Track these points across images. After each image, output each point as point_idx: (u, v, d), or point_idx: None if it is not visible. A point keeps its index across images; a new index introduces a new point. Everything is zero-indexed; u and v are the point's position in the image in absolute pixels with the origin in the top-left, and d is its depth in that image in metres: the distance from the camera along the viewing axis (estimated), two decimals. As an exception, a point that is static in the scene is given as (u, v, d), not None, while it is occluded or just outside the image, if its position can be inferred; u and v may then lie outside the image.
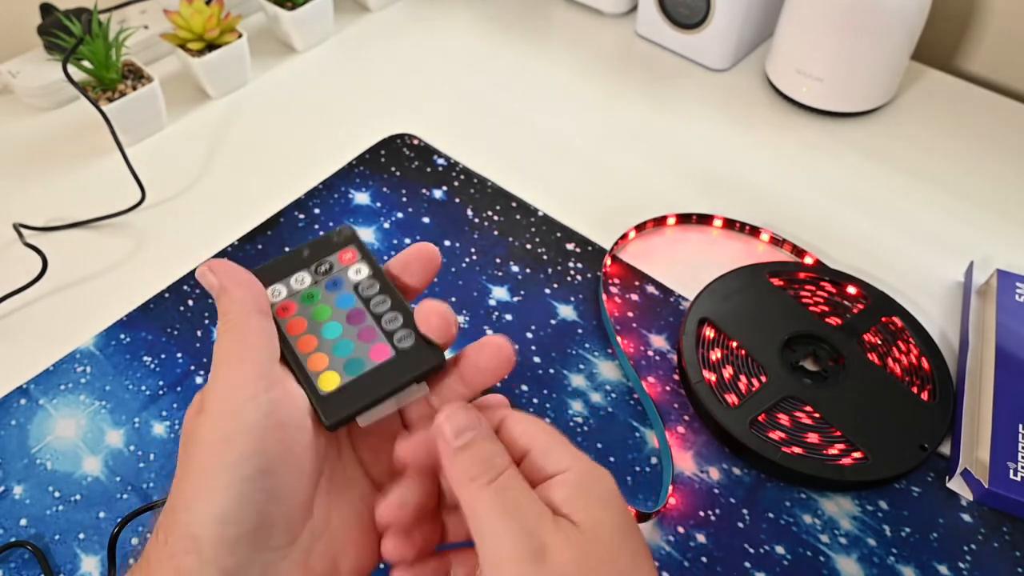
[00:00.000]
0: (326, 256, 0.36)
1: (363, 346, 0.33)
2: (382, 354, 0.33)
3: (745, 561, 0.45)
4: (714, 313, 0.54)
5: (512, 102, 0.74)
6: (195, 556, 0.28)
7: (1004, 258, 0.60)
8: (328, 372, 0.33)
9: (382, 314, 0.34)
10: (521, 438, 0.32)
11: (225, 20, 0.71)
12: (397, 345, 0.33)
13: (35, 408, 0.52)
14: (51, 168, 0.68)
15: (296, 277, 0.35)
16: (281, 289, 0.35)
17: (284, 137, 0.71)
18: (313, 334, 0.34)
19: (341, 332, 0.34)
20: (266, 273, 0.35)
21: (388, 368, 0.33)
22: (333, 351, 0.33)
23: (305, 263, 0.36)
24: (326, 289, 0.35)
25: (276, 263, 0.36)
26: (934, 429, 0.48)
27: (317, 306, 0.35)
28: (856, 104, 0.70)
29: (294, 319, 0.34)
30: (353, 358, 0.33)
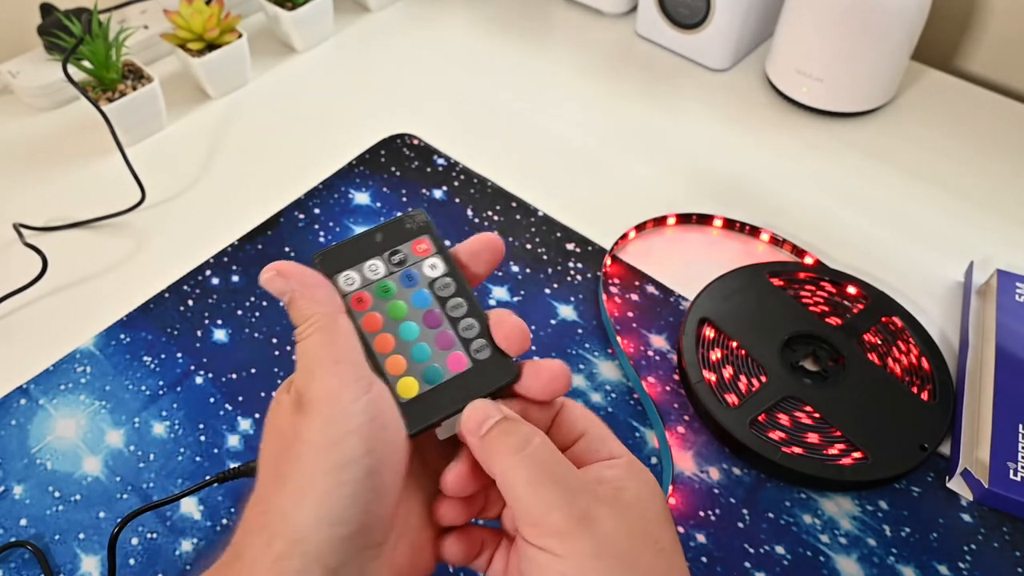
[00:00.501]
0: (400, 244, 0.34)
1: (441, 353, 0.33)
2: (459, 364, 0.33)
3: (745, 561, 0.45)
4: (714, 313, 0.54)
5: (512, 102, 0.74)
6: (300, 558, 0.28)
7: (1004, 258, 0.60)
8: (407, 378, 0.32)
9: (459, 319, 0.34)
10: (578, 421, 0.33)
11: (225, 20, 0.71)
12: (474, 356, 0.33)
13: (35, 408, 0.52)
14: (51, 168, 0.68)
15: (370, 265, 0.34)
16: (354, 277, 0.34)
17: (284, 137, 0.71)
18: (390, 333, 0.33)
19: (418, 335, 0.33)
20: (336, 256, 0.34)
21: (466, 380, 0.33)
22: (411, 355, 0.33)
23: (378, 249, 0.34)
24: (401, 283, 0.34)
25: (346, 246, 0.34)
26: (934, 429, 0.48)
27: (393, 302, 0.33)
28: (856, 104, 0.70)
29: (370, 314, 0.33)
30: (431, 365, 0.33)
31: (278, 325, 0.56)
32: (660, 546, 0.30)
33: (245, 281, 0.59)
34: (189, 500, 0.47)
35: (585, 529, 0.28)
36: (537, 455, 0.30)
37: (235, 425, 0.51)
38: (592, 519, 0.28)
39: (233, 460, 0.49)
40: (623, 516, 0.29)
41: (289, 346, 0.55)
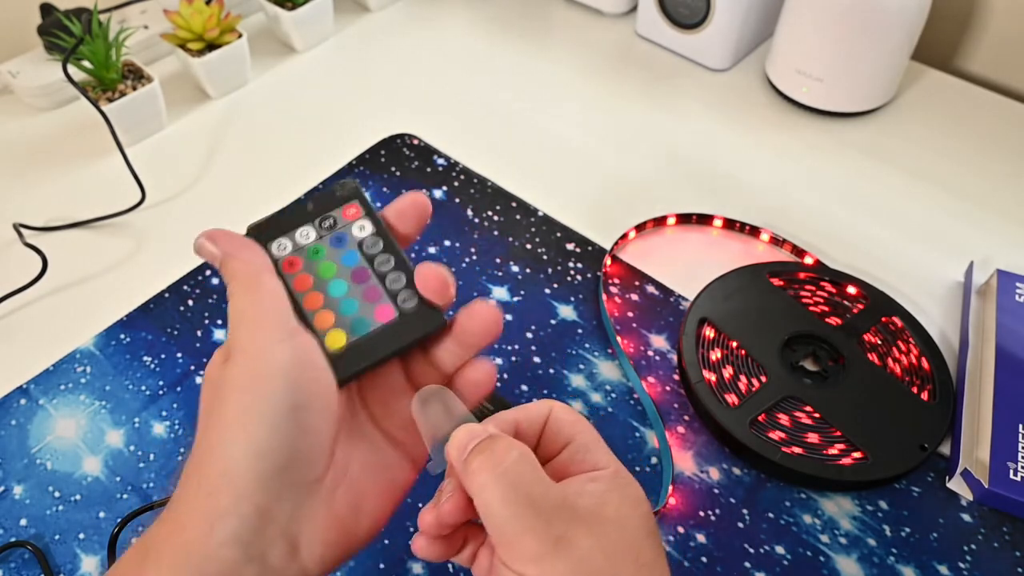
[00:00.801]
0: (330, 211, 0.36)
1: (368, 306, 0.34)
2: (386, 315, 0.34)
3: (745, 561, 0.45)
4: (714, 313, 0.54)
5: (512, 102, 0.74)
6: (228, 493, 0.29)
7: (1004, 258, 0.60)
8: (335, 330, 0.34)
9: (386, 273, 0.35)
10: (564, 428, 0.33)
11: (225, 20, 0.71)
12: (401, 306, 0.34)
13: (35, 408, 0.52)
14: (51, 168, 0.68)
15: (301, 231, 0.36)
16: (286, 243, 0.35)
17: (284, 137, 0.71)
18: (319, 291, 0.35)
19: (346, 290, 0.35)
20: (270, 226, 0.36)
21: (393, 329, 0.34)
22: (339, 309, 0.34)
23: (309, 217, 0.36)
24: (331, 245, 0.36)
25: (279, 216, 0.36)
26: (934, 429, 0.48)
27: (322, 263, 0.35)
28: (856, 104, 0.70)
29: (300, 275, 0.35)
30: (358, 317, 0.34)
31: (278, 325, 0.56)
32: (641, 561, 0.29)
33: (245, 281, 0.59)
34: (189, 500, 0.47)
35: (561, 552, 0.28)
36: (513, 473, 0.29)
37: (235, 425, 0.51)
38: (568, 541, 0.28)
39: (233, 460, 0.49)
40: (602, 533, 0.29)
41: (289, 346, 0.55)
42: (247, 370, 0.30)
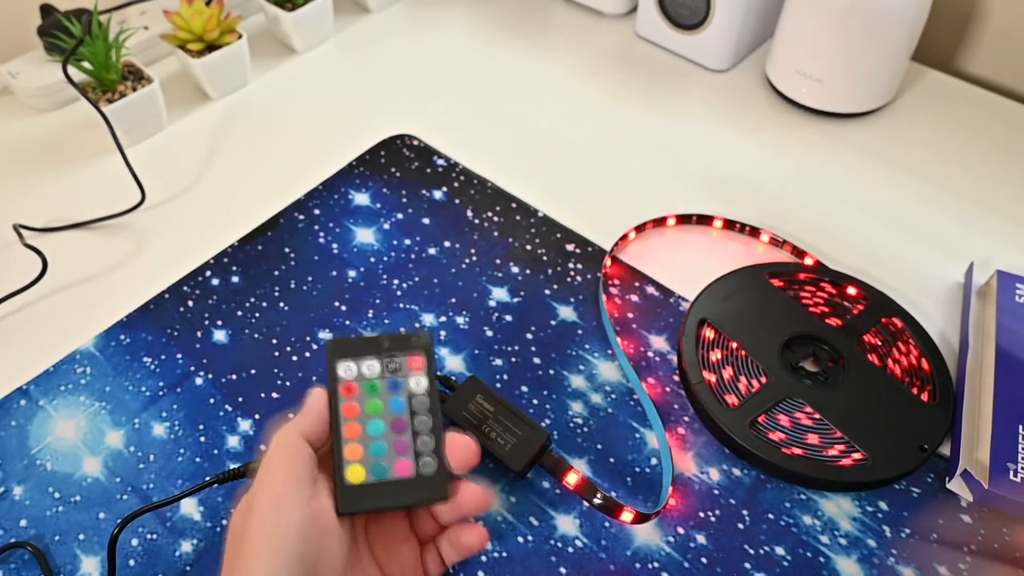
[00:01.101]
0: (400, 354, 0.40)
1: (393, 456, 0.38)
2: (405, 470, 0.38)
3: (745, 562, 0.45)
4: (714, 314, 0.54)
5: (512, 103, 0.74)
6: None
7: (1004, 258, 0.60)
8: (357, 466, 0.38)
9: (420, 433, 0.38)
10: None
11: (225, 21, 0.71)
12: (420, 468, 0.38)
13: (35, 409, 0.52)
14: (51, 168, 0.68)
15: (368, 363, 0.40)
16: (352, 367, 0.40)
17: (284, 137, 0.71)
18: (360, 424, 0.39)
19: (382, 433, 0.38)
20: (346, 347, 0.40)
21: (405, 485, 0.38)
22: (369, 448, 0.38)
23: (380, 352, 0.40)
24: (387, 386, 0.39)
25: (357, 340, 0.40)
26: (934, 430, 0.48)
27: (373, 399, 0.39)
28: (856, 104, 0.70)
29: (351, 402, 0.39)
30: (381, 462, 0.38)
31: (278, 326, 0.56)
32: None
33: (245, 282, 0.59)
34: (189, 501, 0.47)
35: None
36: None
37: (235, 426, 0.51)
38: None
39: (233, 461, 0.49)
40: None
41: (289, 347, 0.55)
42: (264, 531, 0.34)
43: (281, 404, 0.52)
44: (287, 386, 0.53)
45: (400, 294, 0.58)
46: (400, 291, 0.58)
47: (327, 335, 0.56)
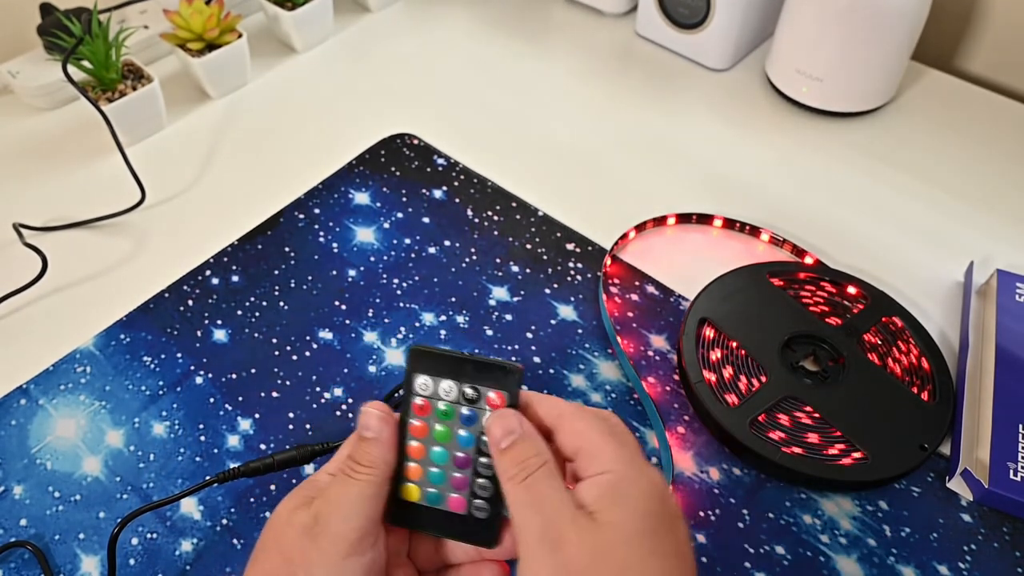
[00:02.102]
0: (483, 385, 0.37)
1: (450, 489, 0.36)
2: (458, 506, 0.36)
3: (745, 561, 0.45)
4: (714, 313, 0.54)
5: (512, 102, 0.74)
6: None
7: (1004, 258, 0.60)
8: (414, 486, 0.37)
9: (481, 476, 0.36)
10: (575, 438, 0.35)
11: (225, 20, 0.71)
12: (472, 511, 0.36)
13: (35, 408, 0.52)
14: (51, 168, 0.68)
15: (447, 385, 0.37)
16: (430, 385, 0.37)
17: (284, 137, 0.71)
18: (425, 446, 0.37)
19: (444, 463, 0.36)
20: (429, 359, 0.37)
21: (453, 520, 0.36)
22: (428, 473, 0.37)
23: (462, 376, 0.37)
24: (460, 417, 0.37)
25: (443, 356, 0.37)
26: (934, 429, 0.48)
27: (444, 426, 0.37)
28: (856, 104, 0.70)
29: (421, 423, 0.37)
30: (437, 491, 0.36)
31: (278, 325, 0.56)
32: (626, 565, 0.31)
33: (245, 281, 0.59)
34: (189, 500, 0.47)
35: (550, 553, 0.31)
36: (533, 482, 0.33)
37: (235, 425, 0.51)
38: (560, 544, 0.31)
39: (233, 460, 0.49)
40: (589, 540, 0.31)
41: (289, 346, 0.55)
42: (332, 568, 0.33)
43: (281, 404, 0.52)
44: (287, 385, 0.53)
45: (400, 293, 0.58)
46: (400, 290, 0.58)
47: (327, 334, 0.56)
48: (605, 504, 0.32)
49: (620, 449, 0.34)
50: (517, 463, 0.34)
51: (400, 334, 0.56)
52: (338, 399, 0.52)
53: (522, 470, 0.33)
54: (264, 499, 0.48)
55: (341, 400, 0.52)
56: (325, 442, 0.48)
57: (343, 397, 0.52)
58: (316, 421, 0.51)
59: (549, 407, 0.36)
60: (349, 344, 0.55)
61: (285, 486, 0.48)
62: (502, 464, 0.34)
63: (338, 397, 0.52)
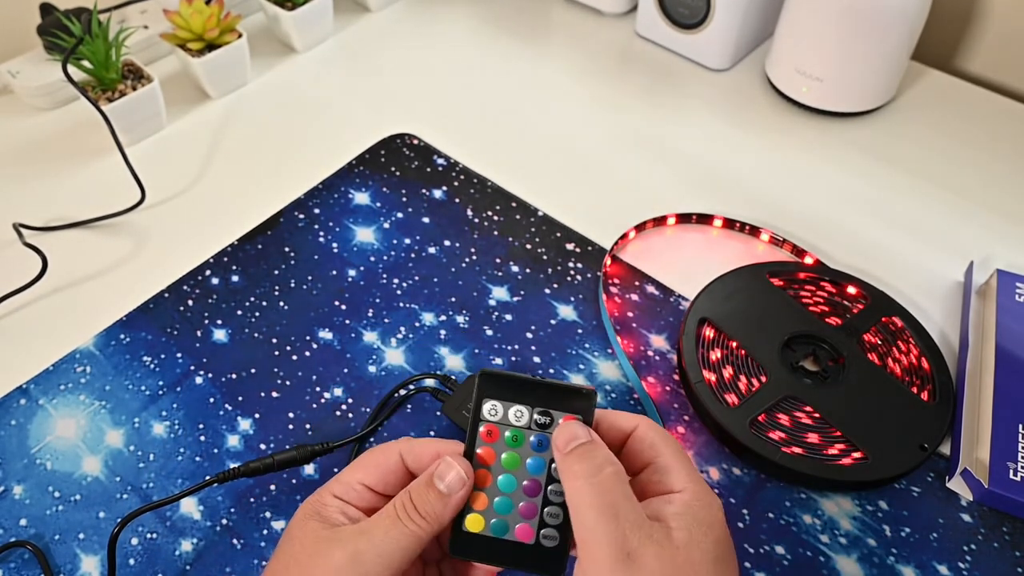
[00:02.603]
0: (555, 408, 0.36)
1: (517, 518, 0.35)
2: (526, 535, 0.35)
3: (745, 561, 0.45)
4: (714, 313, 0.54)
5: (512, 101, 0.74)
6: None
7: (1004, 258, 0.60)
8: (478, 515, 0.35)
9: (551, 503, 0.35)
10: (648, 449, 0.34)
11: (225, 20, 0.71)
12: (540, 540, 0.35)
13: (35, 408, 0.52)
14: (51, 168, 0.68)
15: (517, 410, 0.36)
16: (499, 410, 0.36)
17: (284, 137, 0.71)
18: (492, 474, 0.35)
19: (512, 490, 0.35)
20: (498, 383, 0.36)
21: (521, 551, 0.35)
22: (494, 502, 0.35)
23: (534, 400, 0.36)
24: (530, 442, 0.36)
25: (513, 379, 0.36)
26: (934, 429, 0.48)
27: (513, 452, 0.36)
28: (856, 104, 0.70)
29: (489, 448, 0.36)
30: (503, 520, 0.35)
31: (278, 325, 0.56)
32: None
33: (245, 281, 0.59)
34: (189, 500, 0.47)
35: (629, 567, 0.30)
36: (605, 484, 0.32)
37: (235, 425, 0.51)
38: (638, 558, 0.30)
39: (233, 460, 0.49)
40: (669, 557, 0.30)
41: (289, 346, 0.55)
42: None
43: (281, 403, 0.52)
44: (287, 385, 0.53)
45: (400, 293, 0.58)
46: (400, 290, 0.58)
47: (327, 334, 0.56)
48: (683, 523, 0.31)
49: (693, 470, 0.34)
50: (585, 461, 0.32)
51: (400, 334, 0.56)
52: (338, 399, 0.52)
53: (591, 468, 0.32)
54: (264, 499, 0.48)
55: (341, 400, 0.52)
56: (325, 442, 0.48)
57: (343, 397, 0.52)
58: (316, 421, 0.51)
59: (618, 419, 0.35)
60: (349, 344, 0.55)
61: (285, 486, 0.48)
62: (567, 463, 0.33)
63: (338, 397, 0.52)
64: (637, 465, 0.35)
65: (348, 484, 0.35)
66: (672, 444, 0.35)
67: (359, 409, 0.52)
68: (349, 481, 0.35)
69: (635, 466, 0.35)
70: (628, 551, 0.30)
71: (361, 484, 0.35)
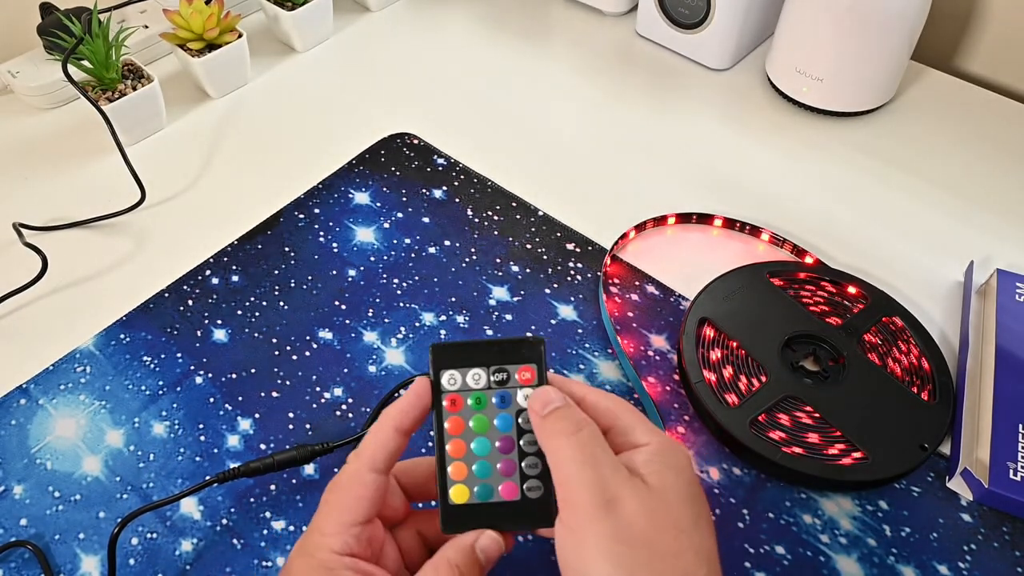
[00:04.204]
0: (510, 363, 0.37)
1: (499, 478, 0.36)
2: (510, 493, 0.36)
3: (745, 561, 0.45)
4: (714, 313, 0.54)
5: (512, 102, 0.74)
6: None
7: (1004, 258, 0.60)
8: (462, 486, 0.36)
9: (527, 455, 0.36)
10: (605, 413, 0.36)
11: (225, 20, 0.71)
12: (526, 492, 0.36)
13: (35, 408, 0.52)
14: (51, 168, 0.68)
15: (474, 373, 0.37)
16: (457, 378, 0.37)
17: (284, 137, 0.71)
18: (465, 441, 0.36)
19: (488, 453, 0.36)
20: (450, 353, 0.37)
21: (510, 508, 0.36)
22: (474, 468, 0.36)
23: (487, 360, 0.37)
24: (494, 401, 0.36)
25: (462, 347, 0.37)
26: (934, 429, 0.48)
27: (479, 415, 0.36)
28: (856, 104, 0.70)
29: (456, 417, 0.36)
30: (486, 483, 0.36)
31: (278, 325, 0.56)
32: (680, 527, 0.32)
33: (245, 281, 0.59)
34: (189, 500, 0.47)
35: (609, 513, 0.32)
36: (584, 439, 0.34)
37: (235, 425, 0.51)
38: (617, 502, 0.32)
39: (233, 460, 0.49)
40: (645, 501, 0.32)
41: (289, 346, 0.55)
42: None
43: (281, 403, 0.52)
44: (287, 385, 0.53)
45: (400, 293, 0.58)
46: (400, 290, 0.58)
47: (327, 334, 0.56)
48: (654, 469, 0.33)
49: (651, 424, 0.36)
50: (564, 420, 0.34)
51: (400, 334, 0.56)
52: (338, 399, 0.52)
53: (571, 426, 0.34)
54: (264, 499, 0.48)
55: (341, 400, 0.52)
56: (325, 442, 0.48)
57: (343, 397, 0.52)
58: (316, 421, 0.51)
59: (574, 388, 0.37)
60: (349, 344, 0.55)
61: (285, 486, 0.48)
62: (545, 425, 0.34)
63: (338, 397, 0.52)
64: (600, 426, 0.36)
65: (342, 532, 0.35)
66: (624, 404, 0.37)
67: (359, 409, 0.52)
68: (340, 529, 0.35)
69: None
70: (608, 497, 0.32)
71: (356, 525, 0.35)
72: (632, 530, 0.31)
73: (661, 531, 0.32)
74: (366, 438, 0.37)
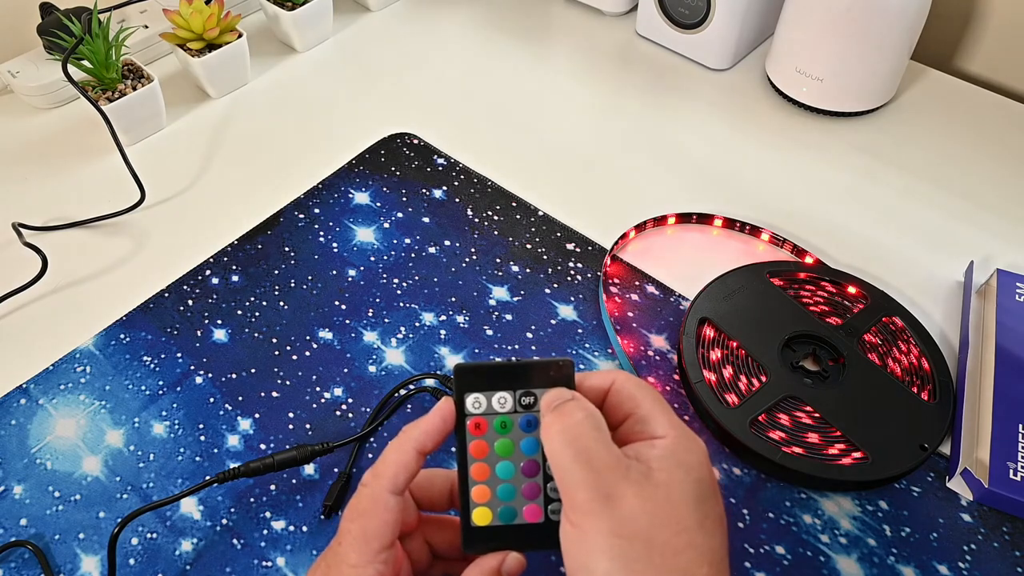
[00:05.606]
0: (537, 386, 0.36)
1: (523, 500, 0.35)
2: (534, 516, 0.35)
3: (745, 561, 0.45)
4: (714, 313, 0.54)
5: (512, 102, 0.74)
6: None
7: (1004, 258, 0.60)
8: (485, 508, 0.35)
9: (552, 477, 0.35)
10: (627, 401, 0.36)
11: (225, 20, 0.71)
12: (549, 515, 0.35)
13: (35, 408, 0.52)
14: (51, 168, 0.68)
15: (500, 397, 0.36)
16: (482, 402, 0.36)
17: (284, 137, 0.71)
18: (489, 464, 0.36)
19: (512, 476, 0.36)
20: (475, 374, 0.36)
21: (533, 531, 0.35)
22: (497, 491, 0.36)
23: (514, 383, 0.36)
24: (519, 424, 0.36)
25: (488, 368, 0.36)
26: (934, 429, 0.48)
27: (504, 439, 0.36)
28: (856, 104, 0.70)
29: (480, 440, 0.36)
30: (510, 506, 0.35)
31: (278, 325, 0.56)
32: (682, 525, 0.32)
33: (245, 281, 0.59)
34: (189, 500, 0.47)
35: (607, 507, 0.31)
36: (575, 430, 0.33)
37: (235, 425, 0.51)
38: (615, 498, 0.31)
39: (233, 460, 0.49)
40: (649, 496, 0.32)
41: (289, 346, 0.55)
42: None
43: (281, 403, 0.52)
44: (287, 385, 0.53)
45: (400, 293, 0.58)
46: (400, 290, 0.58)
47: (327, 334, 0.56)
48: (664, 464, 0.33)
49: (673, 416, 0.35)
50: (559, 416, 0.34)
51: (400, 334, 0.56)
52: (338, 399, 0.52)
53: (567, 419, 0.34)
54: (264, 499, 0.48)
55: (341, 400, 0.52)
56: (325, 442, 0.48)
57: (343, 397, 0.52)
58: (316, 421, 0.51)
59: (594, 379, 0.36)
60: (349, 344, 0.55)
61: (285, 486, 0.48)
62: (545, 422, 0.34)
63: (338, 397, 0.52)
64: (619, 417, 0.36)
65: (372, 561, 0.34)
66: (651, 393, 0.36)
67: (359, 409, 0.52)
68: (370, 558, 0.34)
69: (617, 418, 0.36)
70: (606, 492, 0.32)
71: (384, 551, 0.35)
72: (631, 525, 0.31)
73: (661, 527, 0.31)
74: (386, 457, 0.36)
